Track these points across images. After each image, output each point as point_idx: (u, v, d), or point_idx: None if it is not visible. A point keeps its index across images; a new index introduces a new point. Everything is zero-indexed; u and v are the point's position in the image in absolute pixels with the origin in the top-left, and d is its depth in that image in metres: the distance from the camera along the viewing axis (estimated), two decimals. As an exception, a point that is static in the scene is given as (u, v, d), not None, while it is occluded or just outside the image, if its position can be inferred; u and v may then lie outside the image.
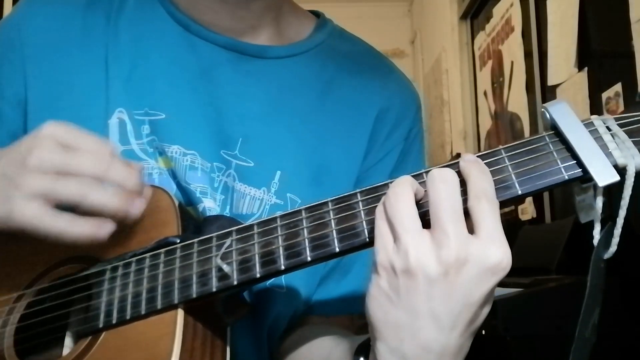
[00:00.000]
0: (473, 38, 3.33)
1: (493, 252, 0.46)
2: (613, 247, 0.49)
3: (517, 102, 2.64)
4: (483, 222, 0.47)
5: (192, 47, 0.75)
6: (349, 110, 0.79)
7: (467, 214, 0.48)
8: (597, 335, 0.51)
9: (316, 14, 0.87)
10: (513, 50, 2.66)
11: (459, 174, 0.50)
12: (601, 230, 0.49)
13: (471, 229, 0.47)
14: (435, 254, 0.46)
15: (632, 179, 0.47)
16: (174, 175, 0.70)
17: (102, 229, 0.56)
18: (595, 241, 0.49)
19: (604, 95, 1.82)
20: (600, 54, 1.90)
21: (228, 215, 0.70)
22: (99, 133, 0.70)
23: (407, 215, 0.48)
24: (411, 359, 0.48)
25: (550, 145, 0.50)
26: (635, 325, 1.41)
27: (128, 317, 0.57)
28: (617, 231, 0.49)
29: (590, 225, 0.50)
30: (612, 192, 0.48)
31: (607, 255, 0.50)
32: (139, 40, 0.75)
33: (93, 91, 0.72)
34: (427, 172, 0.51)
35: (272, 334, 0.73)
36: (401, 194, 0.49)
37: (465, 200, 0.48)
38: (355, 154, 0.77)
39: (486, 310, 0.49)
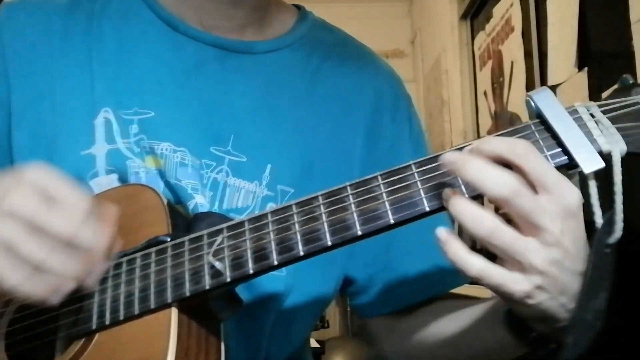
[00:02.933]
0: (473, 38, 3.32)
1: (570, 198, 0.48)
2: (618, 233, 0.50)
3: (517, 102, 2.64)
4: (544, 176, 0.48)
5: (179, 46, 0.76)
6: (338, 99, 0.80)
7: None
8: (602, 322, 0.51)
9: (297, 7, 0.88)
10: (513, 50, 2.66)
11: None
12: (603, 214, 0.50)
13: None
14: (545, 245, 0.48)
15: (619, 164, 0.48)
16: (161, 174, 0.71)
17: (52, 297, 0.54)
18: (598, 225, 0.50)
19: (604, 95, 1.80)
20: (600, 54, 1.89)
21: (217, 211, 0.70)
22: (84, 132, 0.71)
23: (515, 238, 0.48)
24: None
25: (536, 134, 0.51)
26: (635, 325, 1.41)
27: (121, 317, 0.57)
28: (619, 217, 0.49)
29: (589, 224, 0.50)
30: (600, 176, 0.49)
31: (611, 240, 0.50)
32: (125, 41, 0.75)
33: (77, 92, 0.72)
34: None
35: (267, 330, 0.73)
36: (517, 188, 0.48)
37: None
38: (348, 143, 0.78)
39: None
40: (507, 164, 0.49)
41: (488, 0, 3.05)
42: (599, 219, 0.50)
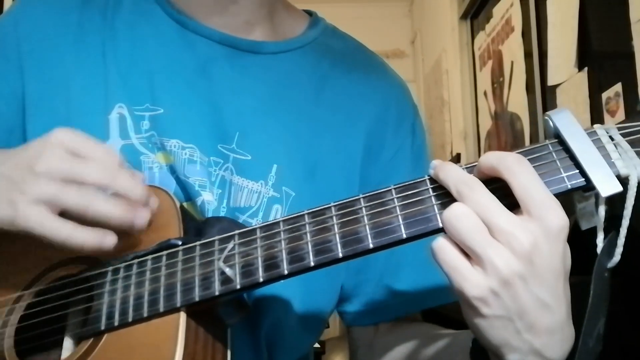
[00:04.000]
0: (473, 38, 3.33)
1: (552, 220, 0.46)
2: (616, 257, 0.49)
3: (517, 102, 2.64)
4: (527, 193, 0.47)
5: (189, 44, 0.76)
6: (344, 106, 0.80)
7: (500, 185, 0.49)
8: (602, 345, 0.50)
9: (309, 13, 0.88)
10: (513, 50, 2.66)
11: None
12: (604, 238, 0.49)
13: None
14: (513, 253, 0.46)
15: (635, 189, 0.47)
16: (172, 170, 0.71)
17: (106, 239, 0.56)
18: (599, 250, 0.49)
19: (604, 95, 1.81)
20: (600, 54, 1.90)
21: (225, 209, 0.71)
22: (99, 127, 0.71)
23: (479, 231, 0.47)
24: (545, 349, 0.48)
25: (554, 154, 0.50)
26: (635, 327, 1.41)
27: (130, 319, 0.57)
28: (621, 241, 0.49)
29: (590, 227, 0.50)
30: (614, 200, 0.48)
31: (610, 265, 0.50)
32: (136, 39, 0.76)
33: (91, 87, 0.73)
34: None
35: (271, 337, 0.73)
36: (462, 213, 0.48)
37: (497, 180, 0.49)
38: (350, 150, 0.78)
39: (568, 262, 0.49)
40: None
41: (488, 0, 3.06)
42: (600, 243, 0.49)
